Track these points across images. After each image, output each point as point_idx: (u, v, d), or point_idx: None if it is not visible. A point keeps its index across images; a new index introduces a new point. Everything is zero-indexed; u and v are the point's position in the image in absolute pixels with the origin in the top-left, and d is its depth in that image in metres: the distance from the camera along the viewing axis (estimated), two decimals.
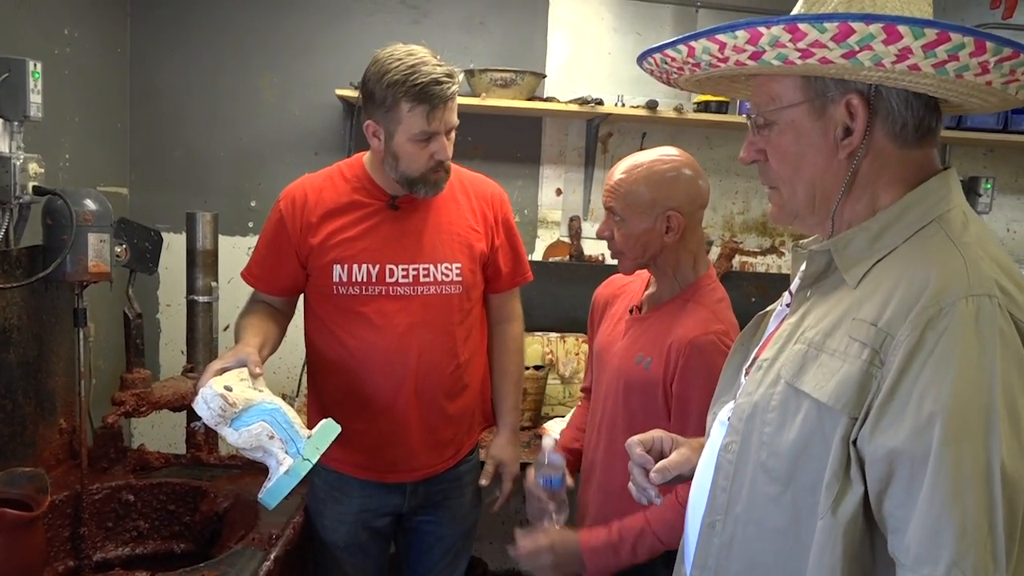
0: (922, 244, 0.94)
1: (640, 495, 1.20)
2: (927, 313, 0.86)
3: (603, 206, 1.66)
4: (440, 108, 1.63)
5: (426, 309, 1.78)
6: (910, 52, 0.87)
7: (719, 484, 1.05)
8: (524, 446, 2.55)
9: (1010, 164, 3.23)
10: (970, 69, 0.88)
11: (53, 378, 2.05)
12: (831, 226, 1.02)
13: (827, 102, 0.97)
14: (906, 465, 0.85)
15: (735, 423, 1.04)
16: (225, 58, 2.87)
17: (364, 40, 2.88)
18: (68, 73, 2.36)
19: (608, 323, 1.78)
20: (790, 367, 0.97)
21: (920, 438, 0.83)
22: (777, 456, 0.96)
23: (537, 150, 3.04)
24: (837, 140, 0.97)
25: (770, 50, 0.92)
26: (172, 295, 2.91)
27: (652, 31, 3.02)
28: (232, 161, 2.92)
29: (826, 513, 0.90)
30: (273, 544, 1.69)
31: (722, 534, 1.04)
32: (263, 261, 1.84)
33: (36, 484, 1.42)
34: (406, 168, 1.70)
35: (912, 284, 0.89)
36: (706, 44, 0.96)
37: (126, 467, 2.09)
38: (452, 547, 1.97)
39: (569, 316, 2.97)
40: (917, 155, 0.98)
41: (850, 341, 0.91)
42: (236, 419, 1.42)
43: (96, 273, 1.87)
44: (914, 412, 0.84)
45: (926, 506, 0.83)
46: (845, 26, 0.86)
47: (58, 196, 1.81)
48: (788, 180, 1.03)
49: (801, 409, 0.94)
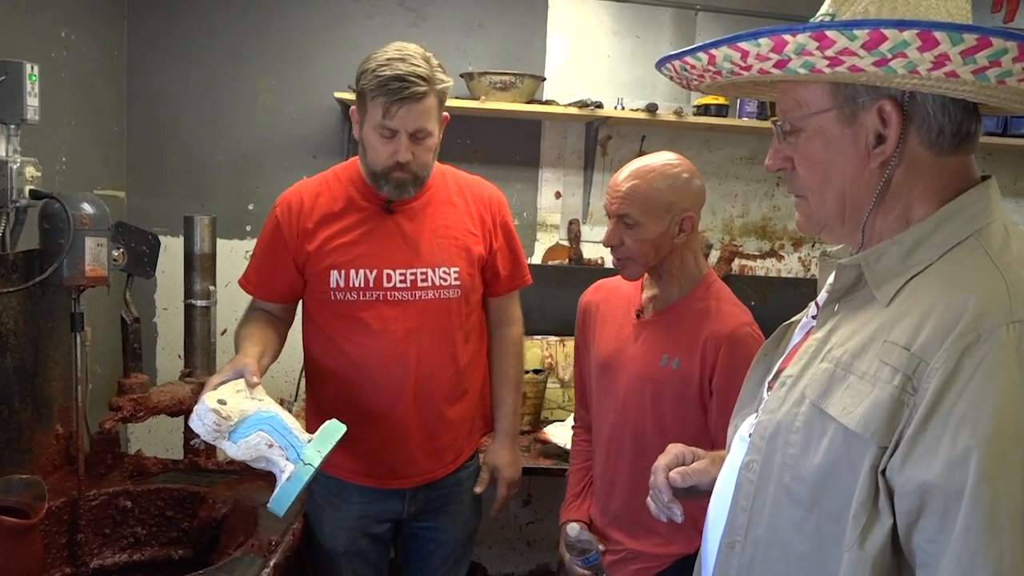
0: (960, 261, 0.88)
1: (660, 513, 1.18)
2: (965, 339, 0.80)
3: (610, 215, 1.65)
4: (398, 105, 1.61)
5: (424, 314, 1.77)
6: (947, 59, 0.82)
7: (739, 503, 1.01)
8: (524, 450, 2.54)
9: (1009, 167, 3.23)
10: (1014, 75, 0.82)
11: (50, 383, 2.04)
12: (861, 238, 0.97)
13: (857, 108, 0.91)
14: (939, 500, 0.80)
15: (756, 441, 0.99)
16: (222, 61, 2.86)
17: (362, 43, 2.87)
18: (65, 76, 2.35)
19: (607, 330, 1.76)
20: (816, 387, 0.92)
21: (955, 473, 0.78)
22: (801, 480, 0.91)
23: (536, 153, 3.03)
24: (869, 148, 0.92)
25: (796, 58, 0.87)
26: (169, 299, 2.89)
27: (651, 34, 3.01)
28: (229, 164, 2.91)
29: (853, 545, 0.85)
30: (273, 551, 1.67)
31: (742, 556, 1.00)
32: (260, 268, 1.83)
33: (33, 491, 1.41)
34: (371, 160, 1.71)
35: (949, 306, 0.83)
36: (727, 52, 0.92)
37: (123, 473, 2.07)
38: (452, 553, 1.95)
39: (568, 320, 2.92)
40: (954, 163, 0.92)
41: (881, 365, 0.86)
42: (233, 432, 1.40)
43: (93, 277, 1.85)
44: (949, 445, 0.79)
45: (960, 545, 0.78)
46: (877, 33, 0.81)
47: (55, 200, 1.80)
48: (816, 189, 0.98)
49: (827, 432, 0.89)
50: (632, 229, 1.61)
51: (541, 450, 2.52)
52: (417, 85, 1.61)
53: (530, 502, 3.16)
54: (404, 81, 1.60)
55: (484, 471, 1.93)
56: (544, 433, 2.51)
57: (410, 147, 1.66)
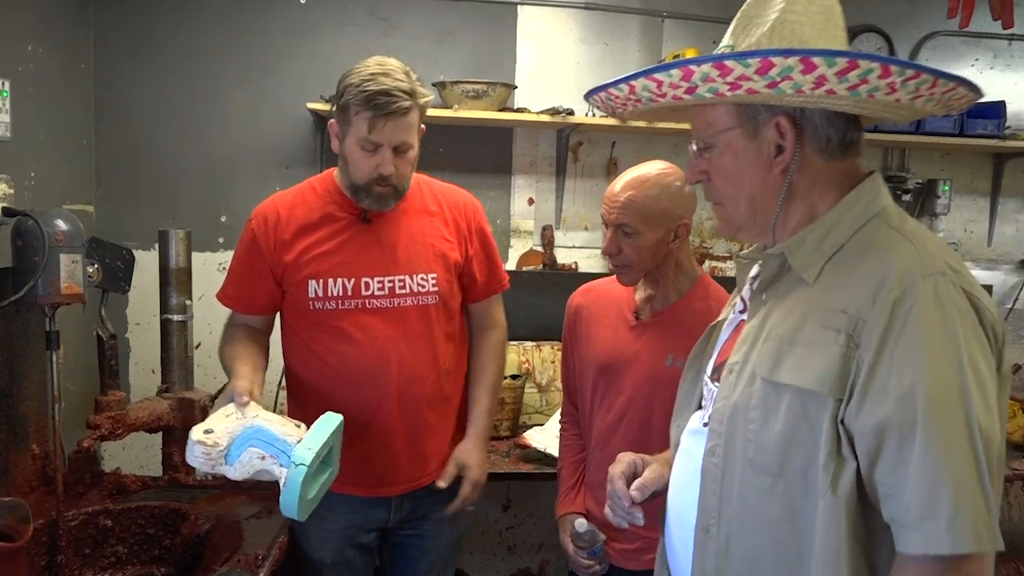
0: (870, 237, 1.04)
1: (623, 519, 1.25)
2: (893, 294, 0.95)
3: (608, 224, 1.71)
4: (384, 120, 1.63)
5: (404, 320, 1.78)
6: (825, 79, 0.96)
7: (708, 488, 1.10)
8: (504, 455, 2.56)
9: (966, 166, 3.33)
10: (880, 90, 0.97)
11: (25, 403, 2.01)
12: (772, 236, 1.12)
13: (759, 124, 1.07)
14: (894, 433, 0.93)
15: (715, 427, 1.10)
16: (192, 72, 2.84)
17: (333, 53, 2.87)
18: (32, 91, 2.31)
19: (602, 332, 1.82)
20: (764, 364, 1.04)
21: (905, 406, 0.92)
22: (765, 450, 1.03)
23: (508, 160, 3.05)
24: (771, 157, 1.07)
25: (702, 85, 1.01)
26: (141, 314, 2.86)
27: (619, 41, 3.05)
28: (201, 176, 2.88)
29: (826, 492, 0.97)
30: (260, 565, 1.67)
31: (718, 537, 1.09)
32: (239, 282, 1.83)
33: (17, 514, 1.39)
34: (353, 174, 1.72)
35: (874, 271, 0.99)
36: (645, 83, 1.05)
37: (102, 492, 2.05)
38: (438, 560, 1.97)
39: (544, 324, 2.98)
40: (844, 166, 1.09)
41: (824, 330, 1.00)
42: (228, 455, 1.41)
43: (69, 294, 1.83)
44: (896, 384, 0.93)
45: (920, 467, 0.91)
46: (766, 61, 0.95)
47: (29, 217, 1.78)
48: (731, 196, 1.12)
49: (783, 401, 1.01)
50: (630, 237, 1.68)
51: (521, 455, 2.54)
52: (403, 100, 1.63)
53: (509, 507, 3.17)
54: (390, 96, 1.62)
55: (451, 466, 1.88)
56: (524, 438, 2.54)
57: (393, 160, 1.68)
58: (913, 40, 3.22)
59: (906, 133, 2.98)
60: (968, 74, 3.25)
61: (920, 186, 3.23)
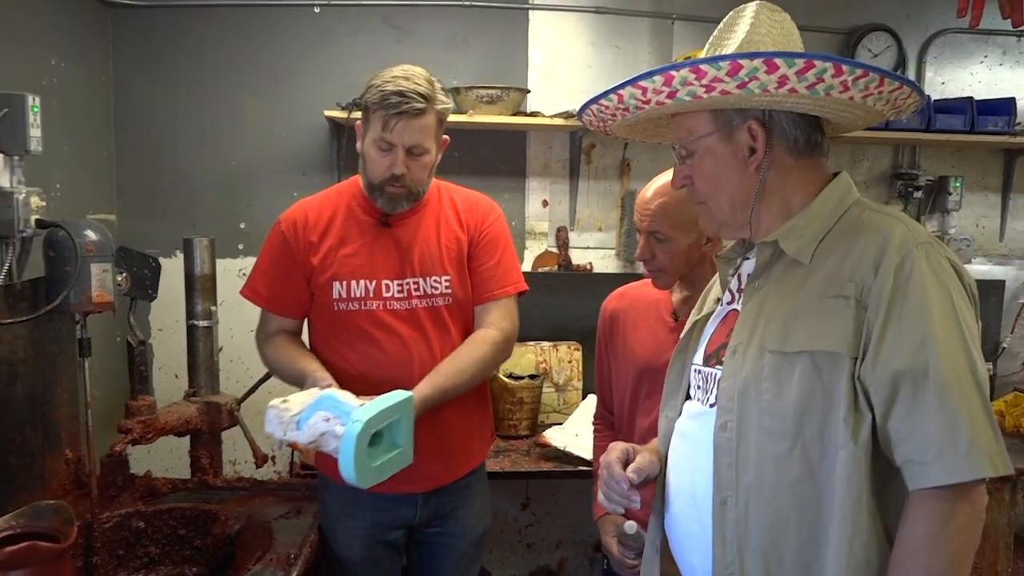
0: (855, 219, 1.18)
1: (620, 504, 1.29)
2: (894, 261, 1.09)
3: (640, 231, 1.74)
4: (396, 120, 1.68)
5: (421, 321, 1.83)
6: (787, 79, 1.09)
7: (723, 462, 1.18)
8: (524, 454, 2.60)
9: (977, 163, 3.35)
10: (835, 88, 1.11)
11: (58, 409, 2.05)
12: (749, 230, 1.24)
13: (733, 129, 1.20)
14: (909, 381, 1.05)
15: (725, 404, 1.19)
16: (209, 82, 2.89)
17: (348, 61, 2.92)
18: (56, 103, 2.37)
19: (641, 335, 1.85)
20: (772, 339, 1.15)
21: (918, 357, 1.05)
22: (781, 416, 1.13)
23: (522, 163, 3.09)
24: (745, 158, 1.20)
25: (681, 88, 1.13)
26: (164, 320, 2.91)
27: (629, 43, 3.09)
28: (220, 184, 2.93)
29: (847, 444, 1.08)
30: (293, 563, 1.71)
31: (736, 507, 1.16)
32: (270, 282, 1.86)
33: (61, 516, 1.43)
34: (369, 172, 1.77)
35: (870, 244, 1.12)
36: (631, 91, 1.17)
37: (134, 494, 2.09)
38: (463, 557, 2.00)
39: (560, 325, 3.02)
40: (811, 164, 1.22)
41: (833, 299, 1.12)
42: (299, 421, 1.52)
43: (100, 303, 1.88)
44: (908, 337, 1.06)
45: (936, 408, 1.04)
46: (735, 64, 1.08)
47: (60, 228, 1.82)
48: (713, 195, 1.24)
49: (795, 369, 1.12)
50: (663, 243, 1.70)
51: (541, 453, 2.57)
52: (416, 101, 1.68)
53: (528, 505, 3.21)
54: (404, 96, 1.67)
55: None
56: (544, 437, 2.57)
57: (406, 161, 1.73)
58: (922, 38, 3.24)
59: (917, 131, 3.01)
60: (978, 71, 3.29)
61: (931, 183, 3.25)
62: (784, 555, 1.13)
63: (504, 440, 2.70)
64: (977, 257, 3.35)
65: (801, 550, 1.12)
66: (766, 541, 1.14)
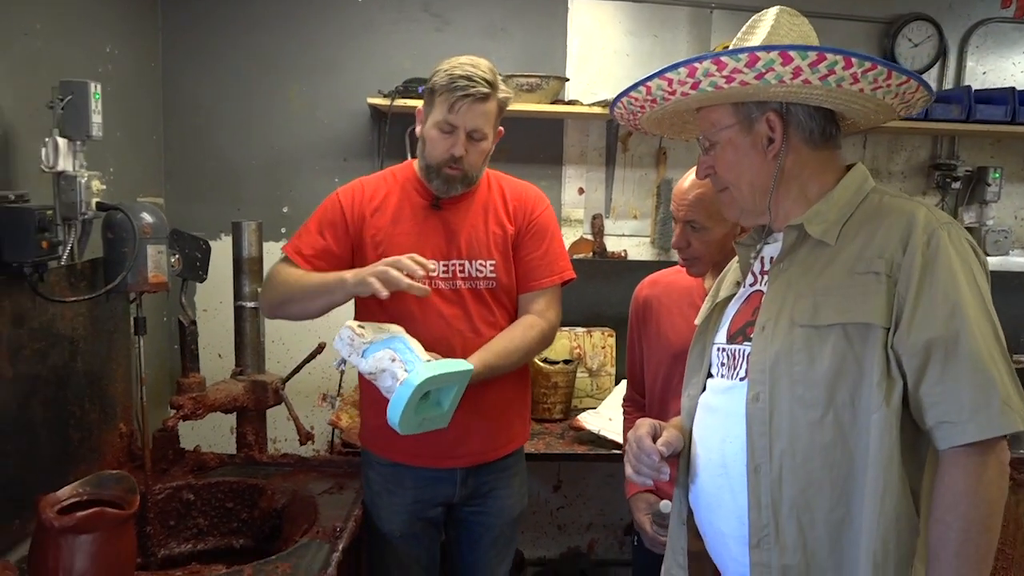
0: (878, 204, 1.27)
1: (650, 476, 1.35)
2: (922, 239, 1.18)
3: (677, 220, 1.78)
4: (462, 102, 1.76)
5: (465, 302, 1.89)
6: (801, 70, 1.17)
7: (755, 431, 1.25)
8: (558, 437, 2.65)
9: (1017, 154, 3.31)
10: (845, 80, 1.19)
11: (113, 384, 2.15)
12: (769, 215, 1.32)
13: (753, 121, 1.28)
14: (941, 348, 1.14)
15: (756, 376, 1.26)
16: (254, 70, 2.95)
17: (389, 49, 2.97)
18: (111, 90, 2.44)
19: (674, 321, 1.89)
20: (803, 314, 1.23)
21: (950, 323, 1.14)
22: (813, 385, 1.20)
23: (559, 151, 3.12)
24: (764, 147, 1.28)
25: (704, 80, 1.22)
26: (209, 301, 2.99)
27: (668, 32, 3.10)
28: (264, 169, 3.01)
29: (880, 407, 1.16)
30: (339, 536, 1.78)
31: (770, 473, 1.24)
32: (316, 245, 1.88)
33: (124, 485, 1.51)
34: (428, 154, 1.84)
35: (896, 223, 1.21)
36: (658, 82, 1.26)
37: (184, 468, 2.18)
38: (500, 536, 2.06)
39: (594, 311, 3.06)
40: (827, 154, 1.31)
41: (863, 275, 1.20)
42: (366, 350, 1.59)
43: (156, 283, 1.95)
44: (940, 308, 1.15)
45: (969, 371, 1.13)
46: (753, 56, 1.16)
47: (119, 210, 1.90)
48: (735, 183, 1.33)
49: (827, 341, 1.20)
50: (699, 232, 1.75)
51: (575, 436, 2.62)
52: (481, 86, 1.76)
53: (560, 487, 3.27)
54: (471, 81, 1.76)
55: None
56: (578, 420, 2.62)
57: (466, 144, 1.79)
58: (963, 28, 3.21)
59: (956, 121, 2.99)
60: (1020, 61, 3.26)
61: (970, 174, 3.24)
62: (816, 515, 1.21)
63: (538, 423, 2.75)
64: (1015, 249, 3.33)
65: (833, 510, 1.20)
66: (800, 503, 1.21)
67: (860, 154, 3.26)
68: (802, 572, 1.22)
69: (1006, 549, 2.62)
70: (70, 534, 1.37)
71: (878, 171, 3.28)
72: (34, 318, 1.79)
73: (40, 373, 1.81)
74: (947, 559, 1.14)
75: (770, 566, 1.24)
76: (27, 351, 1.76)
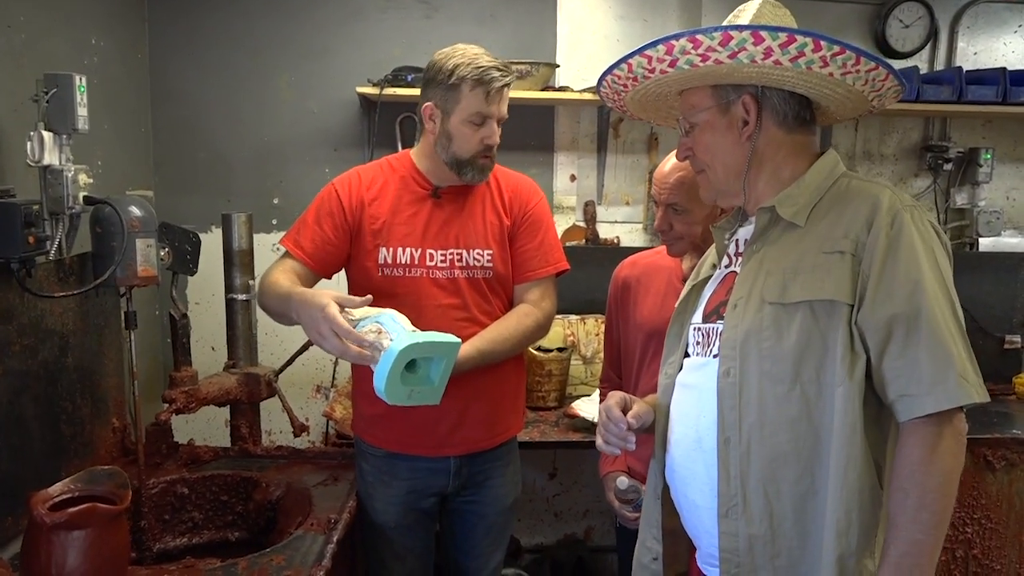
0: (845, 187, 1.31)
1: (618, 445, 1.38)
2: (886, 219, 1.23)
3: (658, 203, 1.81)
4: (497, 94, 1.79)
5: (463, 291, 1.89)
6: (772, 51, 1.21)
7: (726, 405, 1.29)
8: (552, 425, 2.65)
9: (1009, 134, 3.31)
10: (815, 63, 1.23)
11: (105, 379, 2.14)
12: (744, 196, 1.36)
13: (729, 103, 1.32)
14: (903, 323, 1.18)
15: (727, 352, 1.30)
16: (242, 60, 2.93)
17: (378, 37, 2.95)
18: (97, 82, 2.42)
19: (650, 300, 1.92)
20: (772, 292, 1.27)
21: (911, 300, 1.18)
22: (781, 360, 1.25)
23: (550, 138, 3.11)
24: (739, 129, 1.33)
25: (681, 57, 1.26)
26: (201, 294, 2.98)
27: (658, 17, 3.08)
28: (254, 160, 2.99)
29: (844, 381, 1.20)
30: (333, 528, 1.78)
31: (739, 445, 1.28)
32: (315, 238, 1.88)
33: (116, 481, 1.50)
34: (458, 149, 1.82)
35: (862, 205, 1.25)
36: (639, 59, 1.31)
37: (178, 462, 2.18)
38: (494, 526, 2.06)
39: (587, 298, 3.05)
40: (800, 138, 1.35)
41: (828, 254, 1.24)
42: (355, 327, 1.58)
43: (145, 277, 1.94)
44: (902, 284, 1.19)
45: (930, 344, 1.17)
46: (727, 34, 1.20)
47: (107, 204, 1.88)
48: (711, 164, 1.37)
49: (795, 318, 1.24)
50: (680, 215, 1.78)
51: (570, 424, 2.62)
52: (508, 74, 1.81)
53: (556, 475, 3.28)
54: (501, 71, 1.79)
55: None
56: (573, 408, 2.62)
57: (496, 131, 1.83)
58: (955, 8, 3.20)
59: (947, 103, 2.98)
60: (1011, 41, 3.25)
61: (961, 155, 3.23)
62: (782, 486, 1.25)
63: (533, 411, 2.75)
64: (1007, 229, 3.33)
65: (798, 481, 1.24)
66: (766, 474, 1.26)
67: (852, 137, 3.25)
68: (767, 541, 1.26)
69: (999, 528, 2.64)
70: (62, 530, 1.36)
71: (870, 153, 3.27)
72: (23, 313, 1.78)
73: (30, 369, 1.80)
74: (904, 524, 1.18)
75: (737, 535, 1.28)
76: (16, 347, 1.75)
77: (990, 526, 2.63)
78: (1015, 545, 2.66)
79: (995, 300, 3.23)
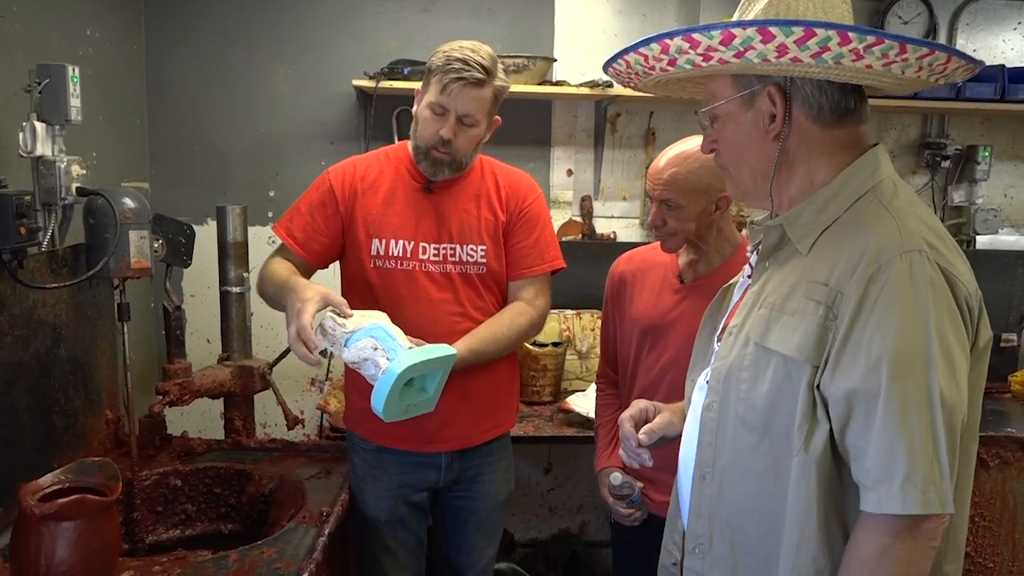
0: (861, 212, 1.09)
1: (632, 460, 1.34)
2: (869, 270, 1.01)
3: (653, 199, 1.80)
4: (454, 85, 1.73)
5: (455, 286, 1.88)
6: (786, 48, 1.01)
7: (705, 440, 1.20)
8: (547, 420, 2.65)
9: (1007, 132, 3.31)
10: (844, 57, 1.01)
11: (98, 371, 2.13)
12: (771, 202, 1.18)
13: (754, 95, 1.13)
14: (862, 401, 1.00)
15: (714, 384, 1.19)
16: (239, 52, 2.92)
17: (375, 30, 2.94)
18: (92, 73, 2.41)
19: (646, 296, 1.91)
20: (757, 329, 1.12)
21: (871, 377, 0.99)
22: (753, 409, 1.11)
23: (547, 132, 3.11)
24: (765, 125, 1.13)
25: (680, 57, 1.09)
26: (195, 286, 2.98)
27: (656, 11, 3.07)
28: (250, 153, 2.98)
29: (799, 451, 1.05)
30: (325, 521, 1.78)
31: (711, 484, 1.19)
32: (307, 227, 1.88)
33: (106, 472, 1.50)
34: (419, 135, 1.82)
35: (855, 246, 1.04)
36: (635, 57, 1.14)
37: (171, 454, 2.17)
38: (486, 521, 2.05)
39: (583, 293, 3.04)
40: (840, 134, 1.13)
41: (807, 301, 1.07)
42: (348, 339, 1.57)
43: (138, 268, 1.93)
44: (865, 355, 1.00)
45: (879, 433, 0.99)
46: (727, 33, 1.01)
47: (100, 195, 1.88)
48: (734, 163, 1.19)
49: (770, 365, 1.09)
50: (674, 211, 1.77)
51: (564, 419, 2.62)
52: (477, 71, 1.74)
53: (551, 469, 3.28)
54: (466, 64, 1.73)
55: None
56: (567, 403, 2.62)
57: (455, 128, 1.77)
58: (954, 5, 3.19)
59: (945, 100, 2.98)
60: (1011, 38, 3.24)
61: (959, 152, 3.23)
62: (747, 540, 1.14)
63: (528, 406, 2.75)
64: (1005, 227, 3.33)
65: (762, 539, 1.12)
66: (734, 523, 1.16)
67: None
68: None
69: (992, 526, 2.64)
70: (51, 521, 1.36)
71: None
72: (15, 304, 1.77)
73: (22, 360, 1.80)
74: None
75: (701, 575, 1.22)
76: (8, 338, 1.74)
77: (984, 524, 2.64)
78: (1008, 543, 2.66)
79: (992, 298, 3.17)
